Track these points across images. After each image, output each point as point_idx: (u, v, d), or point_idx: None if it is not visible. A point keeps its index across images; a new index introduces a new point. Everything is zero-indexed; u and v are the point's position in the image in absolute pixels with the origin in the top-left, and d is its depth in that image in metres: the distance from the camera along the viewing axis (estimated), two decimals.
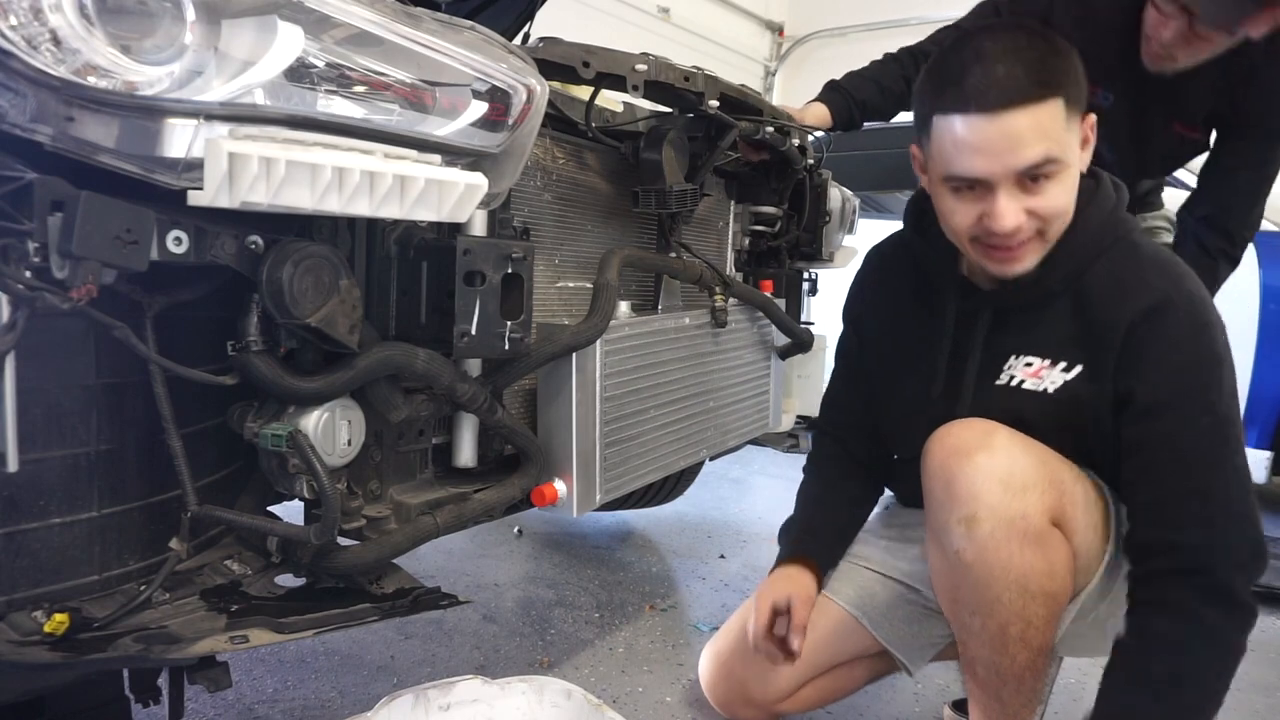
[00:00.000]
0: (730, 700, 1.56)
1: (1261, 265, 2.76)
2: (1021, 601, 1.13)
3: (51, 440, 0.82)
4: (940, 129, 1.13)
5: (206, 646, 0.84)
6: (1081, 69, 1.13)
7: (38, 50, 0.64)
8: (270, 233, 0.86)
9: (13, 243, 0.69)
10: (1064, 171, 1.11)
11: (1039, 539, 1.12)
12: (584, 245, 1.42)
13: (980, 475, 1.12)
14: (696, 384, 1.57)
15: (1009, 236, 1.13)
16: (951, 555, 1.16)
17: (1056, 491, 1.15)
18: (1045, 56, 1.10)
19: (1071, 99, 1.10)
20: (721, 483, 3.39)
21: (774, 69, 6.94)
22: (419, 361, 1.02)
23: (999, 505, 1.11)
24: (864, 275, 1.52)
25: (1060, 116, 1.08)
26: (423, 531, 1.08)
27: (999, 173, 1.09)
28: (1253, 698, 1.83)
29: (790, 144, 1.64)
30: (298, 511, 1.07)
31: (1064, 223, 1.16)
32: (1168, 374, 1.13)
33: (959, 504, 1.14)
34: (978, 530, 1.12)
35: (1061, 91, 1.09)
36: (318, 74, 0.79)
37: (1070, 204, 1.15)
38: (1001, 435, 1.16)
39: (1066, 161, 1.11)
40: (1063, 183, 1.12)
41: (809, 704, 1.55)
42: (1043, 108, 1.07)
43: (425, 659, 1.81)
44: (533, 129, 1.00)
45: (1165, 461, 1.14)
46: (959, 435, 1.17)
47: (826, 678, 1.53)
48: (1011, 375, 1.25)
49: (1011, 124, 1.07)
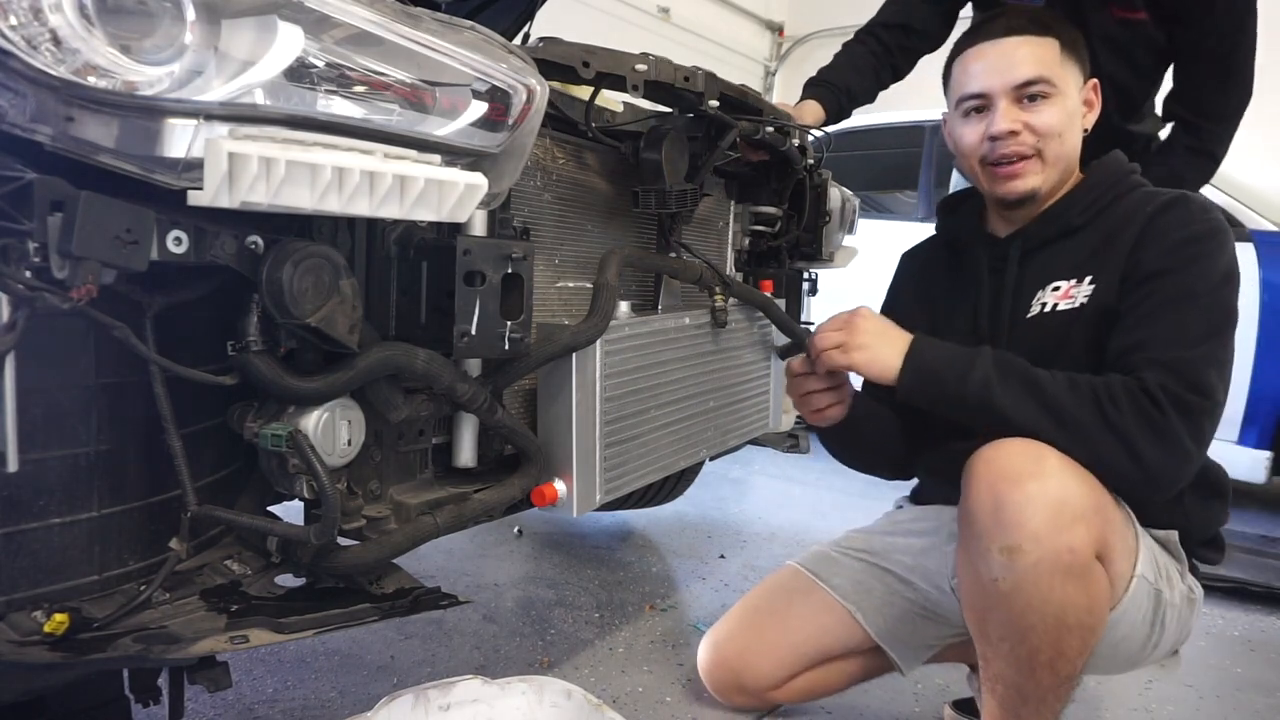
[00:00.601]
0: (725, 687, 1.58)
1: (1261, 264, 2.76)
2: (1057, 633, 1.11)
3: (51, 440, 0.82)
4: (956, 69, 1.36)
5: (206, 646, 0.84)
6: (1083, 42, 1.32)
7: (38, 50, 0.64)
8: (270, 233, 0.86)
9: (13, 243, 0.69)
10: (1058, 96, 1.27)
11: (1083, 573, 1.09)
12: (584, 245, 1.42)
13: (1031, 505, 1.07)
14: (696, 384, 1.57)
15: (1007, 142, 1.28)
16: (987, 581, 1.12)
17: (1102, 520, 1.12)
18: (1046, 15, 1.32)
19: (1067, 45, 1.29)
20: (721, 483, 3.39)
21: (774, 69, 6.94)
22: (419, 361, 1.02)
23: (1047, 538, 1.07)
24: (899, 272, 1.60)
25: (1055, 52, 1.27)
26: (423, 531, 1.08)
27: (998, 86, 1.28)
28: (1253, 698, 1.83)
29: (790, 144, 1.64)
30: (298, 511, 1.07)
31: (1062, 148, 1.29)
32: (1174, 244, 1.20)
33: (1005, 532, 1.09)
34: (1020, 561, 1.08)
35: (1058, 35, 1.28)
36: (318, 74, 0.79)
37: (1064, 129, 1.28)
38: (1053, 460, 1.11)
39: (1060, 89, 1.27)
40: (1056, 105, 1.27)
41: (800, 695, 1.56)
42: (1040, 40, 1.27)
43: (425, 659, 1.81)
44: (533, 129, 1.00)
45: (1157, 310, 1.18)
46: (1010, 457, 1.12)
47: (818, 671, 1.54)
48: (1044, 303, 1.30)
49: (1010, 46, 1.28)
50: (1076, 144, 1.32)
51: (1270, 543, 2.79)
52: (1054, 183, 1.32)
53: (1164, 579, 1.26)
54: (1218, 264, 1.19)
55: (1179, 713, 1.76)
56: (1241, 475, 2.84)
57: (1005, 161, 1.29)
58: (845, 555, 1.56)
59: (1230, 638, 2.16)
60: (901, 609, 1.48)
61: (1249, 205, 2.90)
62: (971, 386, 1.18)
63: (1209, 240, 1.20)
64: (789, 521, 2.94)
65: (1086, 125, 1.34)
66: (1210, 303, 1.17)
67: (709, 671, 1.59)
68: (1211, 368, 1.14)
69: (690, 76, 1.34)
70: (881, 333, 1.27)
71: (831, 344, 1.29)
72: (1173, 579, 1.29)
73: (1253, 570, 2.43)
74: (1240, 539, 2.72)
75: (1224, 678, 1.90)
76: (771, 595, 1.59)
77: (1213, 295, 1.18)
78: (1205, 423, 1.13)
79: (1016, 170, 1.29)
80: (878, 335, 1.27)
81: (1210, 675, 1.91)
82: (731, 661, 1.55)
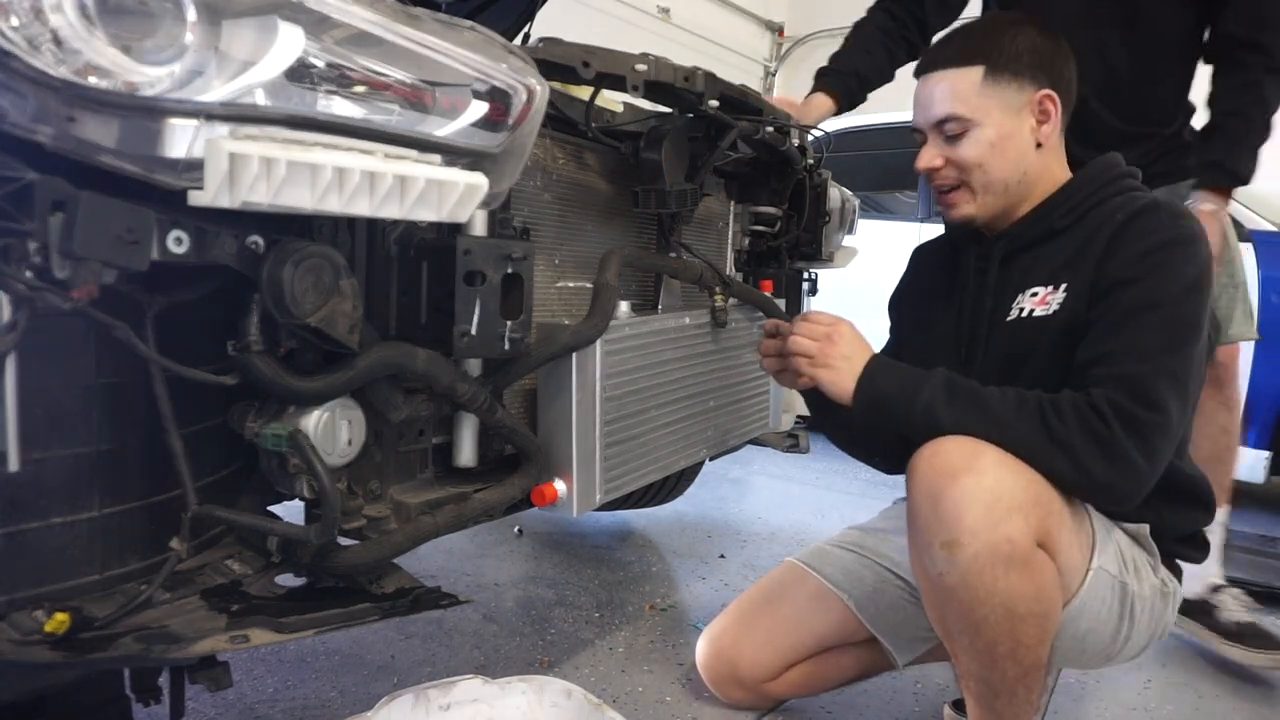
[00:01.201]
0: (721, 679, 1.59)
1: (1261, 264, 2.76)
2: (1010, 623, 1.12)
3: (52, 440, 0.82)
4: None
5: (207, 646, 0.84)
6: (1035, 52, 1.28)
7: (39, 51, 0.64)
8: (270, 233, 0.86)
9: (13, 243, 0.69)
10: (974, 128, 1.29)
11: (1024, 563, 1.10)
12: (584, 245, 1.42)
13: (965, 498, 1.09)
14: (696, 384, 1.57)
15: (934, 176, 1.35)
16: (935, 577, 1.14)
17: (1042, 511, 1.13)
18: (981, 31, 1.33)
19: (997, 68, 1.28)
20: (721, 483, 3.39)
21: (774, 69, 6.94)
22: (419, 361, 1.02)
23: (984, 530, 1.09)
24: (907, 267, 1.61)
25: (975, 82, 1.28)
26: (423, 531, 1.08)
27: (922, 124, 1.35)
28: (1253, 698, 1.83)
29: (790, 144, 1.64)
30: (298, 511, 1.07)
31: (989, 176, 1.31)
32: (1139, 253, 1.20)
33: (943, 527, 1.11)
34: (960, 555, 1.10)
35: (985, 59, 1.28)
36: (318, 74, 0.79)
37: (984, 159, 1.30)
38: (989, 455, 1.13)
39: (977, 120, 1.28)
40: (974, 139, 1.29)
41: (795, 688, 1.57)
42: (959, 72, 1.29)
43: (425, 659, 1.81)
44: (533, 129, 1.00)
45: (1118, 322, 1.18)
46: (947, 454, 1.14)
47: (813, 663, 1.54)
48: (1021, 309, 1.31)
49: (931, 83, 1.32)
50: (1012, 167, 1.31)
51: (1270, 543, 2.79)
52: (996, 208, 1.34)
53: (1131, 572, 1.26)
54: (1183, 274, 1.17)
55: (1179, 712, 1.76)
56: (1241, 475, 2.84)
57: (940, 191, 1.36)
58: (838, 548, 1.58)
59: None
60: (893, 597, 1.49)
61: (1249, 205, 2.90)
62: (917, 410, 1.20)
63: (1176, 248, 1.18)
64: (789, 521, 2.94)
65: (1040, 138, 1.31)
66: (1171, 314, 1.16)
67: (705, 665, 1.60)
68: (1165, 382, 1.13)
69: (690, 76, 1.34)
70: (850, 356, 1.28)
71: (803, 351, 1.31)
72: (1142, 571, 1.28)
73: (1253, 570, 2.43)
74: (1240, 539, 2.72)
75: (1224, 678, 1.90)
76: (766, 588, 1.60)
77: (1175, 306, 1.16)
78: (1156, 437, 1.12)
79: (950, 200, 1.35)
80: (846, 359, 1.28)
81: (1210, 675, 1.91)
82: (727, 652, 1.56)
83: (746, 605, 1.60)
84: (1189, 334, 1.16)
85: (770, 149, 1.63)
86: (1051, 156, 1.34)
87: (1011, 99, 1.29)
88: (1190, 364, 1.16)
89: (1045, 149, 1.32)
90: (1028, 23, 1.32)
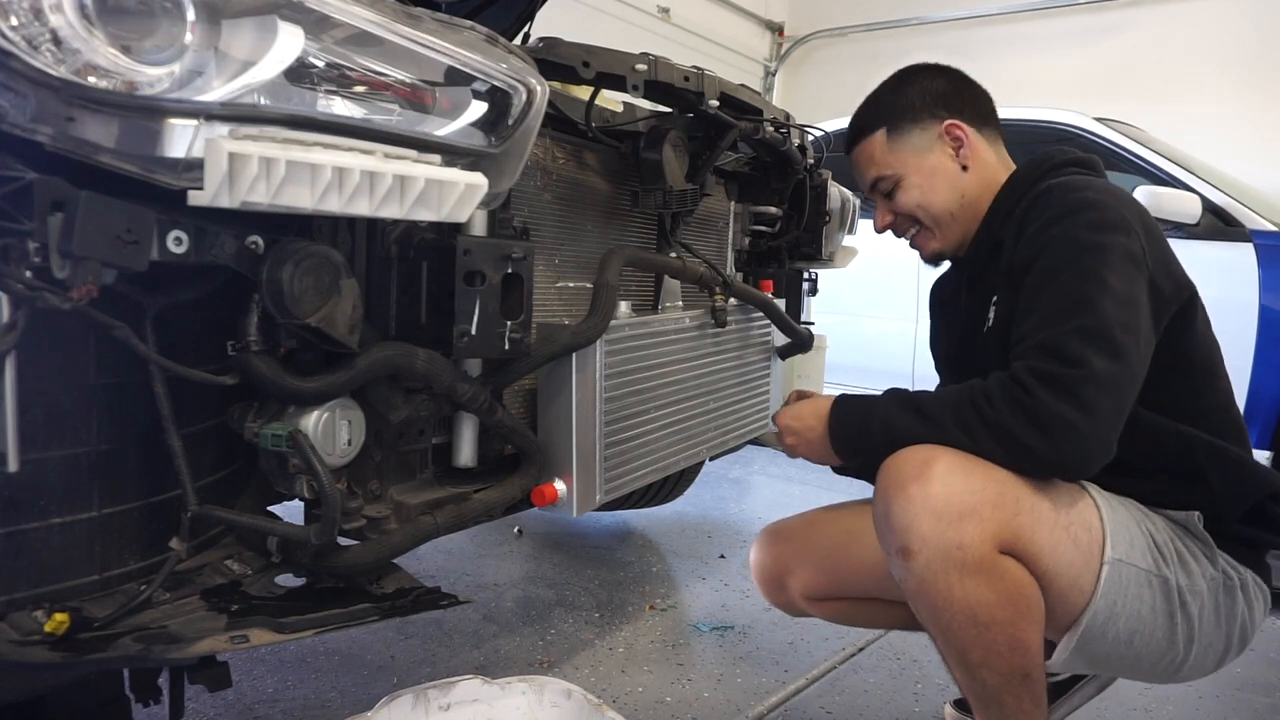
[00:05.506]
0: (768, 577, 1.54)
1: (1261, 264, 2.76)
2: (975, 631, 1.10)
3: (52, 440, 0.82)
4: None
5: (207, 646, 0.84)
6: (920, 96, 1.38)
7: (38, 50, 0.64)
8: (270, 233, 0.86)
9: (13, 243, 0.69)
10: (902, 180, 1.40)
11: (980, 569, 1.08)
12: (584, 245, 1.42)
13: (912, 507, 1.09)
14: (696, 384, 1.57)
15: (895, 232, 1.46)
16: (900, 583, 1.15)
17: (1005, 513, 1.09)
18: (876, 97, 1.44)
19: (896, 125, 1.39)
20: (721, 483, 3.39)
21: (774, 69, 6.93)
22: (419, 361, 1.02)
23: (933, 538, 1.08)
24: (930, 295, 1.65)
25: (882, 144, 1.40)
26: (423, 531, 1.08)
27: (864, 191, 1.48)
28: (1253, 698, 1.83)
29: (790, 143, 1.64)
30: (298, 511, 1.07)
31: (931, 213, 1.40)
32: (1033, 234, 1.23)
33: (896, 536, 1.12)
34: (914, 562, 1.10)
35: (882, 123, 1.40)
36: (318, 74, 0.79)
37: (923, 199, 1.39)
38: (941, 463, 1.11)
39: (900, 171, 1.39)
40: (905, 188, 1.40)
41: (830, 615, 1.53)
42: (869, 141, 1.42)
43: (425, 659, 1.82)
44: (533, 129, 1.00)
45: (1026, 302, 1.19)
46: (900, 463, 1.14)
47: (858, 605, 1.50)
48: (987, 319, 1.34)
49: (855, 159, 1.47)
50: (949, 196, 1.38)
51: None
52: (956, 234, 1.41)
53: (1173, 564, 1.18)
54: (1075, 235, 1.17)
55: (1179, 713, 1.76)
56: None
57: (907, 240, 1.47)
58: None
59: None
60: None
61: (1249, 205, 2.89)
62: (875, 432, 1.22)
63: (1065, 219, 1.20)
64: None
65: (964, 161, 1.37)
66: (1069, 276, 1.15)
67: (757, 559, 1.55)
68: (1078, 337, 1.11)
69: (690, 76, 1.34)
70: (814, 425, 1.32)
71: (784, 434, 1.38)
72: (1190, 563, 1.19)
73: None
74: None
75: (1223, 677, 1.90)
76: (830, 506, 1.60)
77: (1072, 268, 1.16)
78: (1088, 390, 1.08)
79: (918, 244, 1.46)
80: (812, 429, 1.32)
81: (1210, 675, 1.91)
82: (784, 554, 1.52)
83: (819, 517, 1.57)
84: (1094, 288, 1.13)
85: (770, 149, 1.63)
86: (985, 171, 1.39)
87: (918, 142, 1.39)
88: (1107, 316, 1.12)
89: (974, 167, 1.38)
90: (918, 70, 1.42)
